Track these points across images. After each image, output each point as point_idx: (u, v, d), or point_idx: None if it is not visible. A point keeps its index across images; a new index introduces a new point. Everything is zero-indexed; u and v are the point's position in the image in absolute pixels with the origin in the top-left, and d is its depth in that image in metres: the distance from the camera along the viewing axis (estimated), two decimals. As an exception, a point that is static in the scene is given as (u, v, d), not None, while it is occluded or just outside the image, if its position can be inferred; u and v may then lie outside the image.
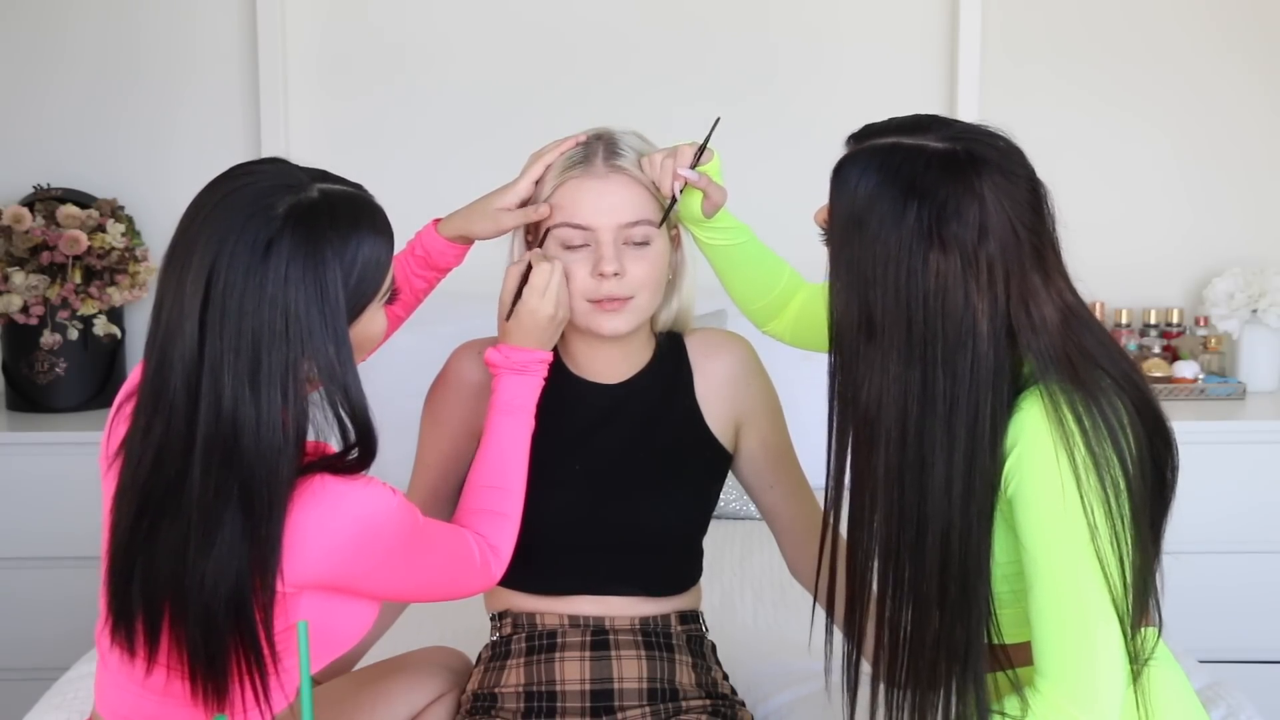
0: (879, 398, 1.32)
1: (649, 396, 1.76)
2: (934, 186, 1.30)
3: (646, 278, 1.67)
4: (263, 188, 1.34)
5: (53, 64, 3.13)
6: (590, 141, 1.69)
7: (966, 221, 1.29)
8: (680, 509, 1.76)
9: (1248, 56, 3.13)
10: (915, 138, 1.34)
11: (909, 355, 1.31)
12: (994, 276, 1.30)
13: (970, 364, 1.30)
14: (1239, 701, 1.91)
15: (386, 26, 3.14)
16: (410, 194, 3.14)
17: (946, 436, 1.30)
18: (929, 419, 1.30)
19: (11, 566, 2.85)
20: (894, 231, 1.30)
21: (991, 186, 1.31)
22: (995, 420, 1.30)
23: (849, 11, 3.13)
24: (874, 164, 1.33)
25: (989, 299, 1.30)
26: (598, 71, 3.12)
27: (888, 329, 1.31)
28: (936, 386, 1.30)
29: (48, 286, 2.91)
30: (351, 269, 1.34)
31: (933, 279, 1.30)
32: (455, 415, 1.75)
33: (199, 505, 1.30)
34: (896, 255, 1.30)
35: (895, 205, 1.30)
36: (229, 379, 1.30)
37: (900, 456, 1.32)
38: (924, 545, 1.32)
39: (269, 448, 1.30)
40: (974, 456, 1.30)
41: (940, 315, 1.30)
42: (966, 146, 1.33)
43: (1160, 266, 3.19)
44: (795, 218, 1.78)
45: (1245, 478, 2.82)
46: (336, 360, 1.33)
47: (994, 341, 1.30)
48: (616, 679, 1.69)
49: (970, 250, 1.29)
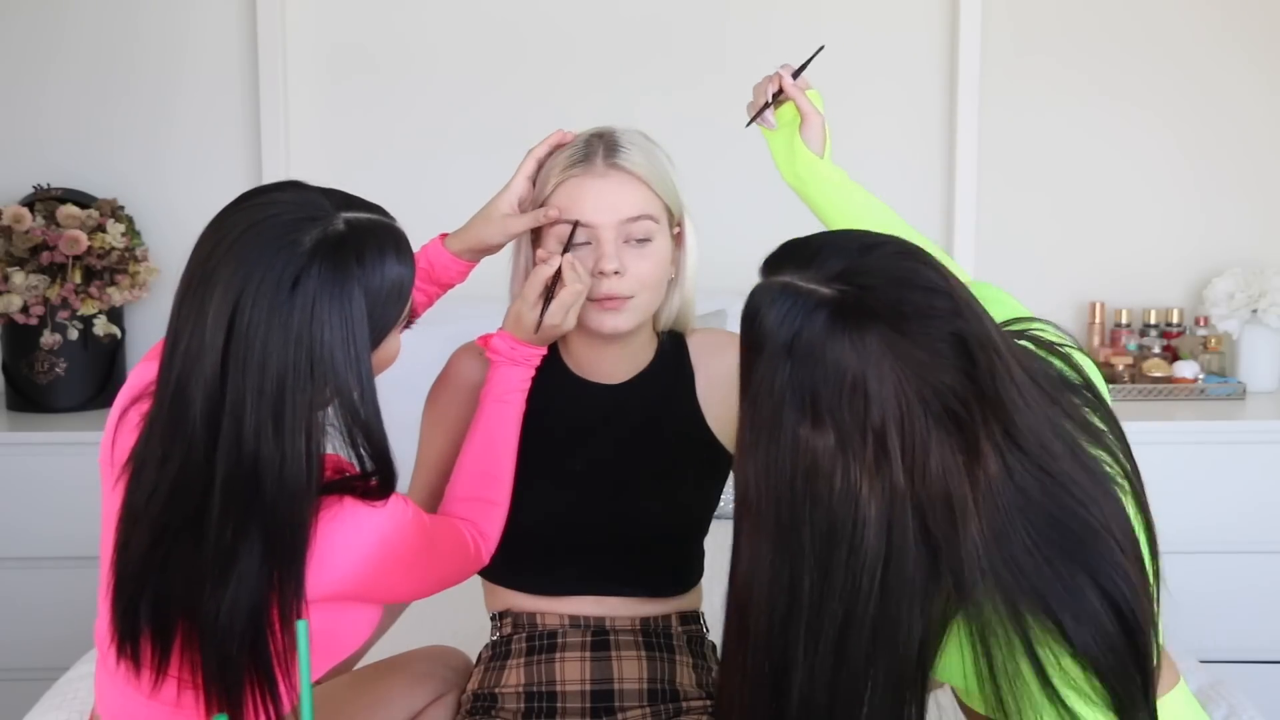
0: (750, 582, 1.14)
1: (650, 397, 1.76)
2: (813, 345, 1.10)
3: (648, 276, 1.67)
4: (287, 221, 1.30)
5: (53, 64, 3.13)
6: (591, 140, 1.68)
7: (843, 387, 1.09)
8: (681, 509, 1.76)
9: (1249, 56, 3.13)
10: (809, 278, 1.13)
11: (778, 541, 1.12)
12: (887, 454, 1.09)
13: (844, 561, 1.09)
14: (1239, 701, 1.91)
15: (386, 25, 3.14)
16: (411, 193, 3.15)
17: (812, 642, 1.11)
18: (793, 619, 1.11)
19: (11, 566, 2.85)
20: (768, 396, 1.12)
21: (884, 342, 1.09)
22: (877, 635, 1.10)
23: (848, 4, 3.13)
24: (765, 307, 1.14)
25: (882, 483, 1.09)
26: (598, 72, 3.12)
27: (759, 508, 1.13)
28: (802, 583, 1.11)
29: (48, 286, 2.91)
30: (376, 300, 1.32)
31: (802, 457, 1.10)
32: (456, 415, 1.75)
33: (217, 543, 1.28)
34: (768, 424, 1.12)
35: (771, 364, 1.12)
36: (251, 418, 1.27)
37: (766, 654, 1.14)
38: None
39: (292, 489, 1.28)
40: (838, 669, 1.11)
41: (808, 500, 1.10)
42: (856, 295, 1.11)
43: (1160, 266, 3.19)
44: (789, 216, 1.78)
45: (1245, 478, 2.82)
46: (360, 400, 1.31)
47: (885, 532, 1.09)
48: (616, 679, 1.69)
49: (848, 423, 1.09)
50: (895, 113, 3.13)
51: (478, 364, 1.76)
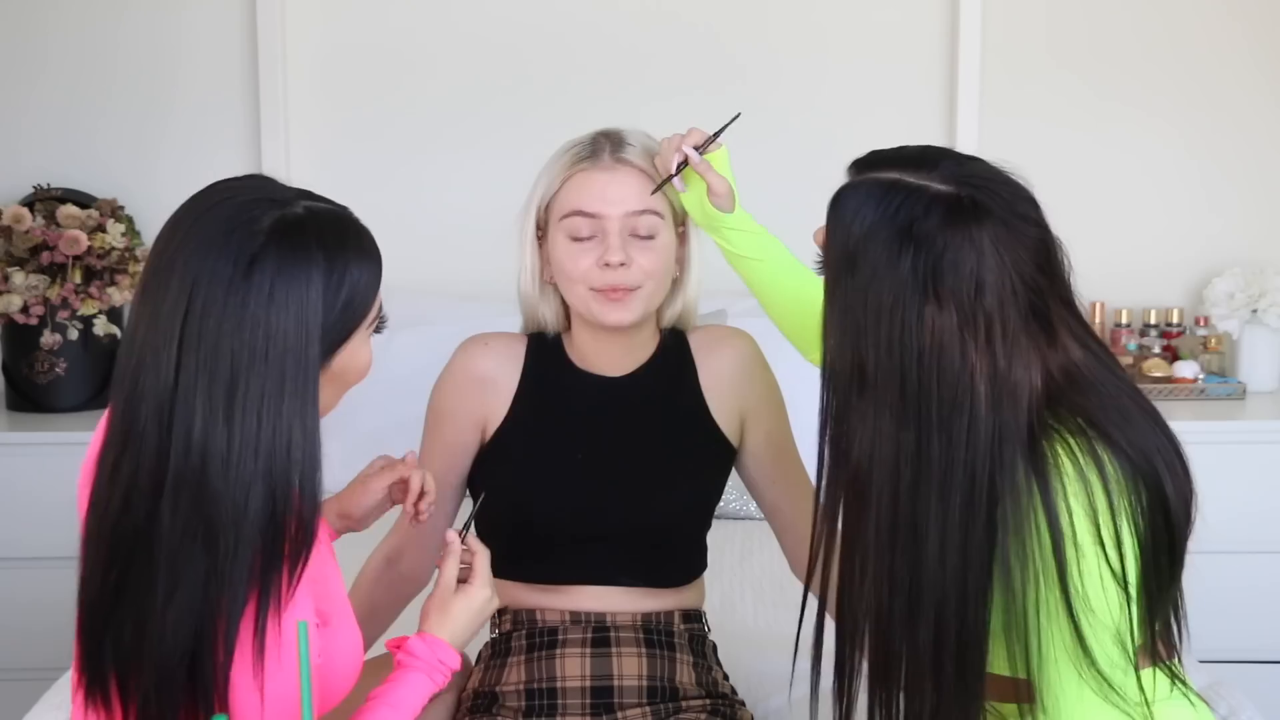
0: (870, 454, 1.23)
1: (652, 389, 1.77)
2: (932, 234, 1.21)
3: (652, 269, 1.69)
4: (244, 202, 1.26)
5: (53, 64, 3.13)
6: (597, 138, 1.72)
7: (963, 274, 1.21)
8: (683, 501, 1.77)
9: (1249, 56, 3.13)
10: (919, 175, 1.25)
11: (902, 414, 1.21)
12: (991, 334, 1.21)
13: (966, 428, 1.20)
14: (1239, 701, 1.91)
15: (387, 26, 3.14)
16: (411, 194, 3.15)
17: (941, 505, 1.21)
18: (923, 484, 1.21)
19: (11, 566, 2.85)
20: (888, 278, 1.21)
21: (993, 238, 1.22)
22: (994, 490, 1.20)
23: (847, 21, 3.13)
24: (872, 200, 1.25)
25: (987, 358, 1.21)
26: (597, 79, 3.11)
27: (880, 383, 1.22)
28: (931, 450, 1.21)
29: (48, 286, 2.91)
30: (339, 290, 1.27)
31: (928, 335, 1.21)
32: (460, 406, 1.76)
33: (166, 550, 1.21)
34: (890, 305, 1.21)
35: (890, 250, 1.22)
36: (201, 405, 1.21)
37: (892, 521, 1.23)
38: (917, 618, 1.22)
39: (238, 481, 1.21)
40: (969, 528, 1.21)
41: (935, 374, 1.21)
42: (971, 193, 1.24)
43: (1160, 266, 3.19)
44: (790, 235, 1.78)
45: (1245, 478, 2.82)
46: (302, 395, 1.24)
47: (993, 404, 1.21)
48: (616, 676, 1.69)
49: (967, 306, 1.21)
50: (894, 101, 3.13)
51: (484, 355, 1.77)
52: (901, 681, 1.25)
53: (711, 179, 1.66)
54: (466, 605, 1.47)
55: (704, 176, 1.66)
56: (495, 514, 1.76)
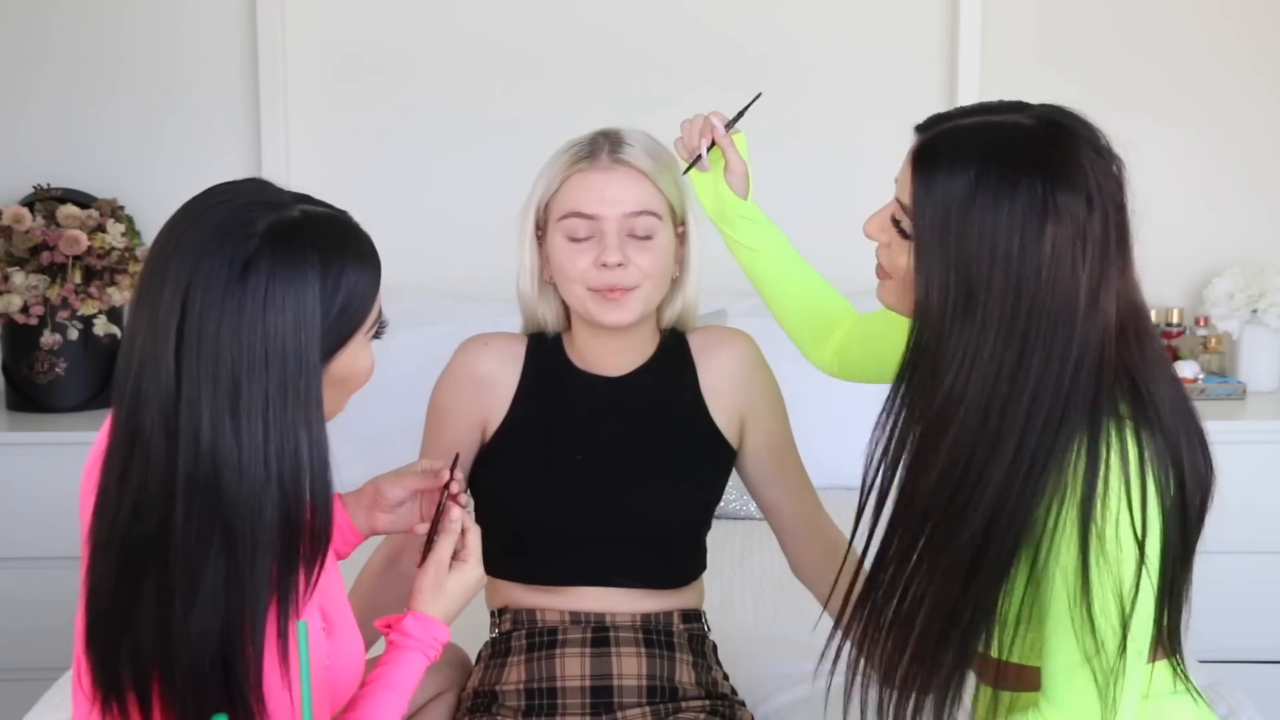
0: (965, 379, 1.29)
1: (652, 389, 1.77)
2: (1043, 157, 1.29)
3: (651, 268, 1.69)
4: (239, 205, 1.25)
5: (53, 64, 3.13)
6: (596, 138, 1.72)
7: (1076, 191, 1.28)
8: (683, 501, 1.77)
9: (1249, 56, 3.13)
10: (1004, 116, 1.34)
11: (1009, 332, 1.28)
12: (1094, 251, 1.29)
13: (1067, 341, 1.28)
14: (1239, 701, 1.91)
15: (387, 26, 3.14)
16: (411, 195, 3.15)
17: (1025, 417, 1.28)
18: (1014, 398, 1.28)
19: (12, 566, 2.85)
20: (1005, 205, 1.27)
21: (1090, 161, 1.31)
22: (1070, 404, 1.28)
23: (848, 17, 3.13)
24: (968, 143, 1.32)
25: (1095, 273, 1.29)
26: (598, 75, 3.11)
27: (990, 305, 1.28)
28: (1031, 360, 1.28)
29: (48, 286, 2.91)
30: (335, 294, 1.26)
31: (1048, 250, 1.27)
32: (461, 405, 1.76)
33: (182, 555, 1.21)
34: (1007, 229, 1.27)
35: (1004, 179, 1.28)
36: (207, 411, 1.20)
37: (975, 436, 1.29)
38: (971, 513, 1.29)
39: (251, 484, 1.21)
40: (1052, 436, 1.28)
41: (1051, 288, 1.27)
42: (1057, 120, 1.33)
43: (1160, 266, 3.16)
44: (788, 230, 1.78)
45: (1245, 478, 2.81)
46: (306, 396, 1.24)
47: (1087, 321, 1.28)
48: (616, 676, 1.69)
49: (1081, 221, 1.28)
50: (894, 96, 3.12)
51: (485, 355, 1.78)
52: (932, 579, 1.31)
53: (731, 156, 1.69)
54: (461, 583, 1.46)
55: (725, 153, 1.69)
56: (495, 514, 1.76)
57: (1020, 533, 1.29)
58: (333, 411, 1.33)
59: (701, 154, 1.70)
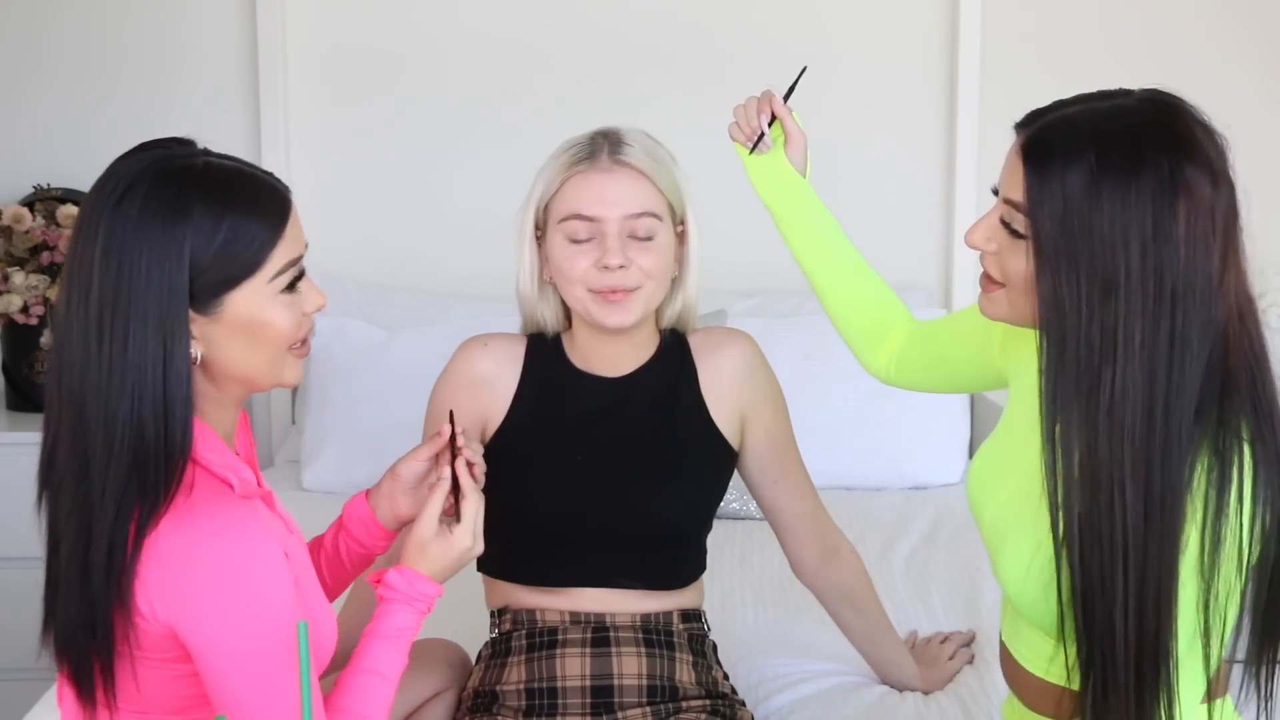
0: (1123, 373, 1.23)
1: (653, 390, 1.77)
2: (1163, 134, 1.27)
3: (651, 269, 1.69)
4: (153, 154, 1.32)
5: (52, 64, 3.13)
6: (595, 138, 1.71)
7: (1200, 168, 1.27)
8: (683, 502, 1.77)
9: (1248, 56, 3.13)
10: (1107, 102, 1.32)
11: (1155, 315, 1.23)
12: (1221, 230, 1.28)
13: (1207, 323, 1.25)
14: (1239, 701, 1.91)
15: (387, 26, 3.14)
16: (411, 195, 3.15)
17: (1188, 409, 1.24)
18: (1178, 386, 1.23)
19: (12, 566, 2.85)
20: (1133, 186, 1.24)
21: (1203, 135, 1.29)
22: (1208, 395, 1.24)
23: (847, 21, 3.13)
24: (1082, 129, 1.29)
25: (1222, 252, 1.28)
26: (597, 76, 3.11)
27: (1130, 292, 1.23)
28: (1188, 346, 1.24)
29: (48, 286, 2.91)
30: (215, 234, 1.27)
31: (1182, 228, 1.25)
32: (460, 406, 1.76)
33: (63, 490, 1.28)
34: (1139, 211, 1.24)
35: (1128, 160, 1.25)
36: (78, 331, 1.26)
37: (1147, 429, 1.23)
38: (1169, 529, 1.23)
39: (106, 403, 1.26)
40: (1202, 420, 1.23)
41: (1194, 266, 1.25)
42: (1163, 99, 1.32)
43: (1160, 267, 3.19)
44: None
45: (1245, 478, 2.82)
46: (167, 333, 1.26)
47: (1218, 303, 1.26)
48: (616, 675, 1.69)
49: (1209, 198, 1.27)
50: (895, 99, 3.13)
51: (485, 356, 1.78)
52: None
53: (791, 127, 1.68)
54: (444, 551, 1.46)
55: (785, 124, 1.67)
56: (495, 515, 1.76)
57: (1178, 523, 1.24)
58: (260, 370, 1.33)
59: (764, 130, 1.67)
